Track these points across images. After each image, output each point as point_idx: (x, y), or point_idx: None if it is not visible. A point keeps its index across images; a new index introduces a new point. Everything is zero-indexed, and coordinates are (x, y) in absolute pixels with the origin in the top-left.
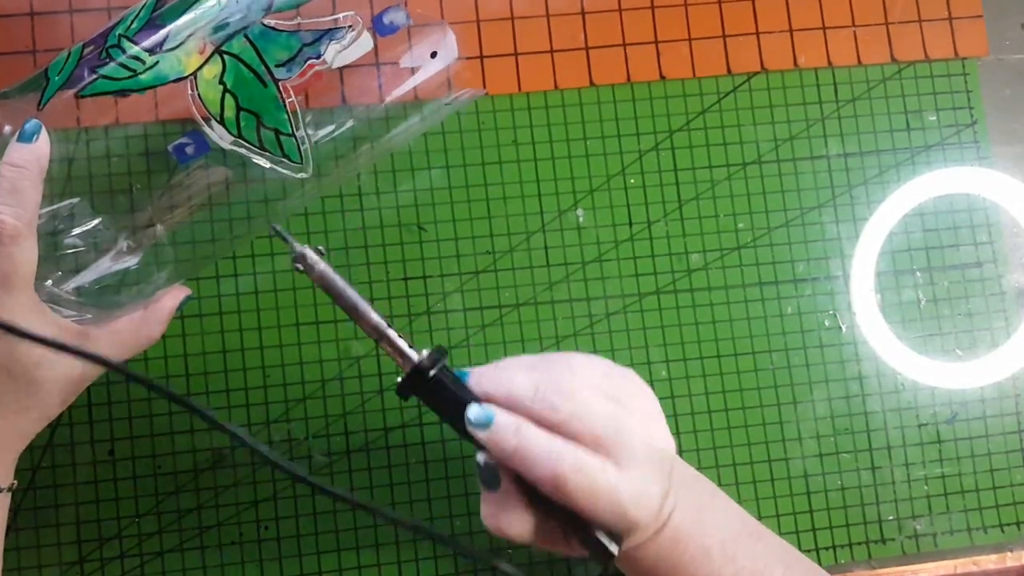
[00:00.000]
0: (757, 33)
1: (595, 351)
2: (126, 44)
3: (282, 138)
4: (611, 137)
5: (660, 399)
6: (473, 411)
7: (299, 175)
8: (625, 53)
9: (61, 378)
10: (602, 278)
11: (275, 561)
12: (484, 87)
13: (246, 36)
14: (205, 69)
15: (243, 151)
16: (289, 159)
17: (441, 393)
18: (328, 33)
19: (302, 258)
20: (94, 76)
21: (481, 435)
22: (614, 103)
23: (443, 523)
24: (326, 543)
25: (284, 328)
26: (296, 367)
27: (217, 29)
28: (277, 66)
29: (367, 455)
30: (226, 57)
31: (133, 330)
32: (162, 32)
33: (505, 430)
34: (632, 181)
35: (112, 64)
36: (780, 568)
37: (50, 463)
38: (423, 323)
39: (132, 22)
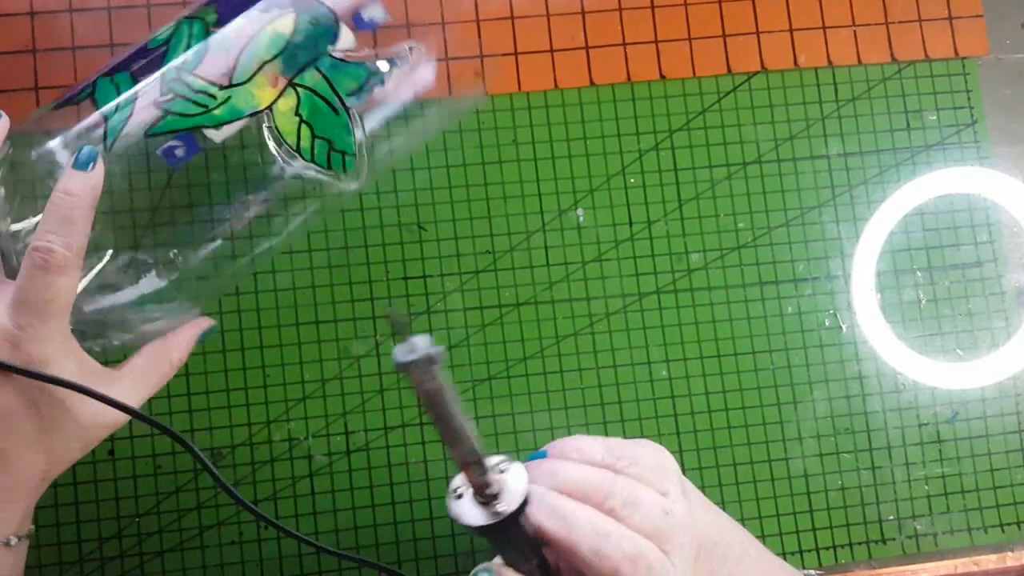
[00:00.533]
0: (757, 33)
1: (595, 351)
2: (191, 79)
3: (347, 158)
4: (611, 137)
5: (660, 399)
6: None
7: (352, 186)
8: (625, 52)
9: (87, 420)
10: (602, 278)
11: (275, 560)
12: (483, 87)
13: (317, 69)
14: (280, 102)
15: (311, 172)
16: (348, 174)
17: (514, 538)
18: (392, 60)
19: (427, 363)
20: (161, 113)
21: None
22: (614, 102)
23: (444, 523)
24: (326, 543)
25: (284, 328)
26: (296, 367)
27: (287, 62)
28: (348, 95)
29: (367, 455)
30: (300, 90)
31: (151, 365)
32: (227, 64)
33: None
34: (632, 181)
35: (179, 100)
36: None
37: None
38: (423, 323)
39: (187, 54)
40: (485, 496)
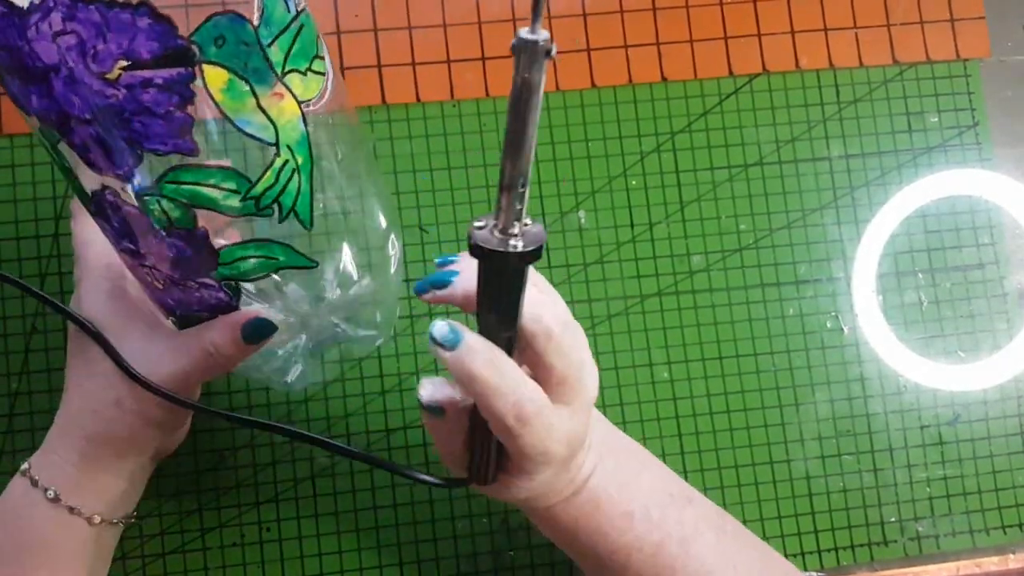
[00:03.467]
0: (759, 35)
1: (597, 353)
2: None
3: None
4: (613, 138)
5: (662, 400)
6: (439, 328)
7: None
8: (627, 55)
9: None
10: (604, 279)
11: (277, 563)
12: (486, 89)
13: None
14: None
15: None
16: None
17: (506, 283)
18: None
19: (544, 52)
20: None
21: (444, 354)
22: (615, 104)
23: (446, 524)
24: (328, 545)
25: None
26: None
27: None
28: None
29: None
30: None
31: (190, 339)
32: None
33: (475, 355)
34: (634, 183)
35: None
36: (712, 533)
37: None
38: (425, 325)
39: None
40: (506, 233)
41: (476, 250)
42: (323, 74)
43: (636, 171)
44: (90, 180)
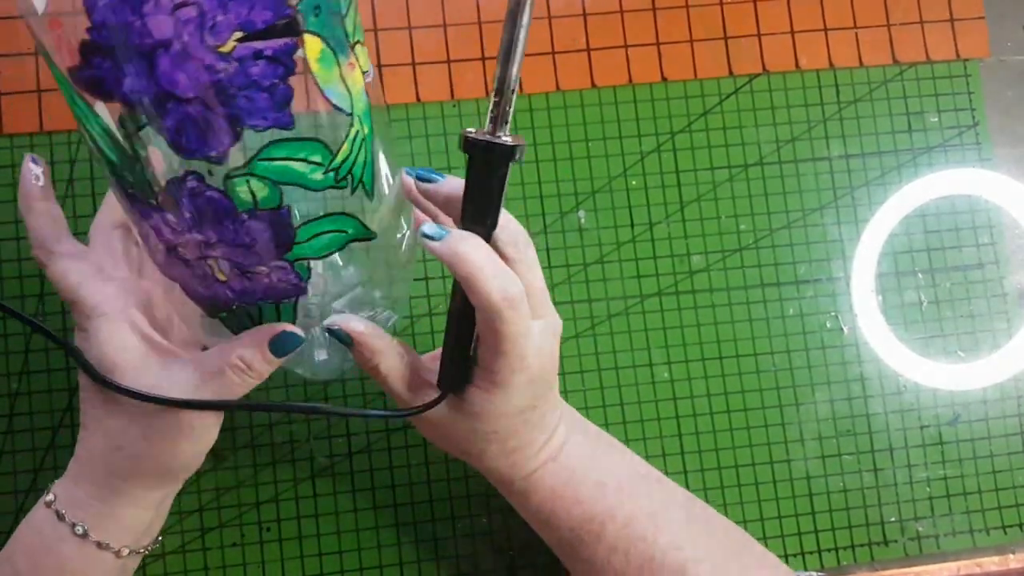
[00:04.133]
0: (759, 35)
1: (597, 353)
2: None
3: None
4: (613, 138)
5: (662, 400)
6: (429, 226)
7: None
8: (627, 54)
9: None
10: (604, 279)
11: (277, 563)
12: (486, 89)
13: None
14: None
15: None
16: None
17: (491, 178)
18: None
19: None
20: None
21: (435, 244)
22: (616, 104)
23: (446, 524)
24: (328, 545)
25: None
26: None
27: None
28: None
29: (369, 456)
30: None
31: (209, 358)
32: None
33: (463, 239)
34: (634, 183)
35: None
36: (680, 512)
37: (52, 465)
38: (425, 324)
39: None
40: (495, 133)
41: (468, 143)
42: (365, 49)
43: (636, 171)
44: (168, 168)
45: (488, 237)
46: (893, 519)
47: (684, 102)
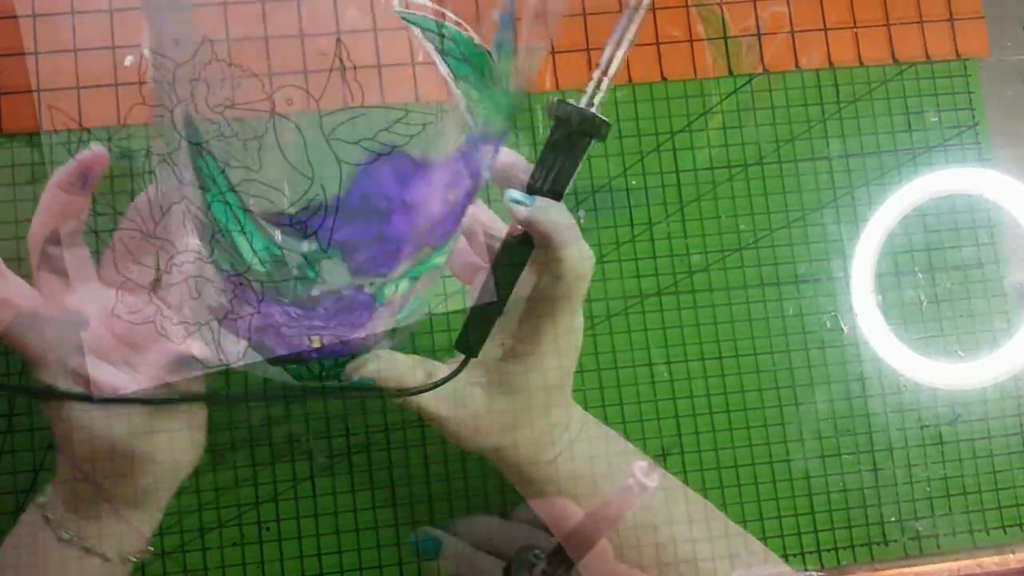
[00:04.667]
0: (759, 34)
1: (596, 352)
2: None
3: None
4: (612, 138)
5: (662, 400)
6: (515, 192)
7: None
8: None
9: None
10: (603, 279)
11: (277, 562)
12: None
13: None
14: None
15: None
16: None
17: (577, 146)
18: None
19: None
20: None
21: (522, 209)
22: (615, 104)
23: (445, 524)
24: (328, 544)
25: None
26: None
27: None
28: None
29: (368, 455)
30: None
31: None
32: None
33: (554, 207)
34: (633, 182)
35: None
36: (687, 507)
37: (52, 465)
38: (425, 324)
39: None
40: (590, 104)
41: (559, 106)
42: None
43: (636, 170)
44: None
45: None
46: (893, 518)
47: (684, 102)
